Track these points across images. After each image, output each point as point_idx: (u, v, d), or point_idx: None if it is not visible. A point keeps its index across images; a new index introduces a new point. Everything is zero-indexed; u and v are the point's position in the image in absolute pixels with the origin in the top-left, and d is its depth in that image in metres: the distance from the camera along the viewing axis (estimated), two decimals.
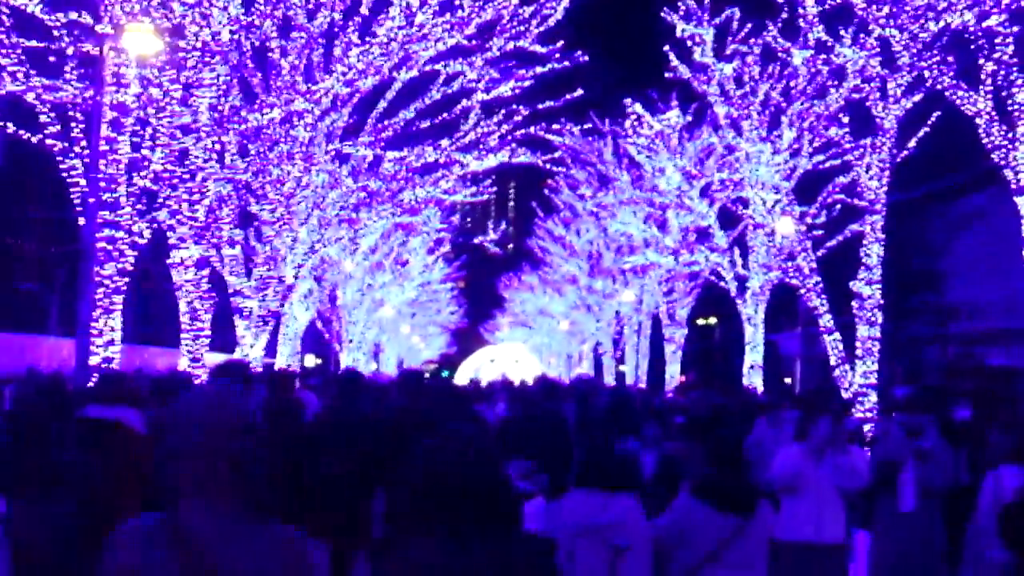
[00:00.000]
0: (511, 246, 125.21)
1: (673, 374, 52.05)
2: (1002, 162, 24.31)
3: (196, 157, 23.89)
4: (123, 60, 19.71)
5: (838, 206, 34.70)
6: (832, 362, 30.92)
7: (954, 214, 54.56)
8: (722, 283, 42.26)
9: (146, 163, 20.93)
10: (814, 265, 32.08)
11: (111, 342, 19.56)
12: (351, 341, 55.78)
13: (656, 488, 11.83)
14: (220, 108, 24.79)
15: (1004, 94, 24.09)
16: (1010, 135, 24.06)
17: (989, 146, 24.52)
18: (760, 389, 39.04)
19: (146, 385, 13.57)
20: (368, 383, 16.06)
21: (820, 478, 12.16)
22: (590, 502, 8.53)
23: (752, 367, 40.46)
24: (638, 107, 41.57)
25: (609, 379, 66.20)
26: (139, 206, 20.78)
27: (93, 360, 18.93)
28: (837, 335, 30.95)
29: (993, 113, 24.36)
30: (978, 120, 24.56)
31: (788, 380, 67.39)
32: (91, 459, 7.97)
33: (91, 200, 17.47)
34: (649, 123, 41.72)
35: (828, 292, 31.88)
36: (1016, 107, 23.80)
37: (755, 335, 40.53)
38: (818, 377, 61.20)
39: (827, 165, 34.84)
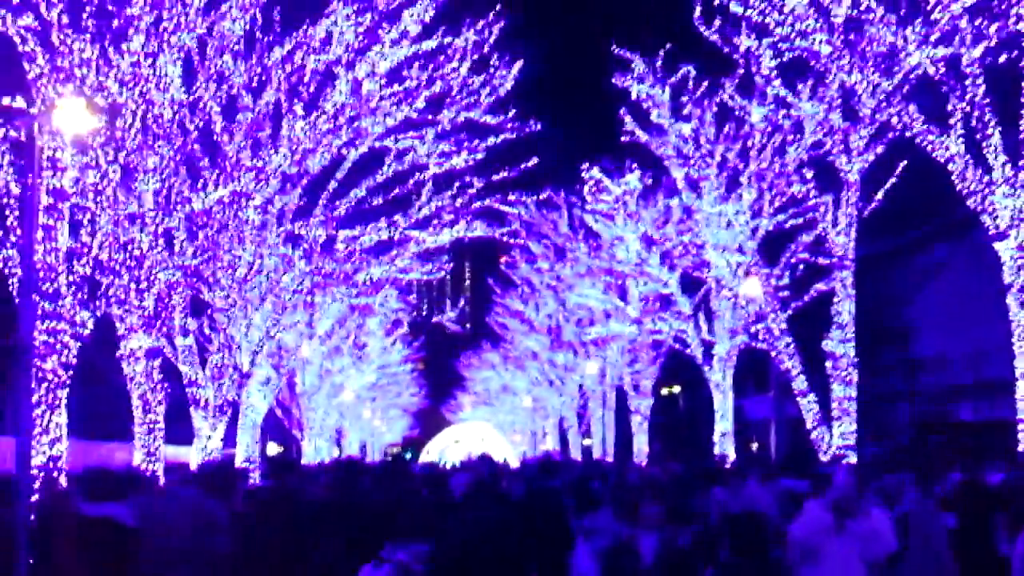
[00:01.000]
0: (468, 325, 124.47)
1: (641, 445, 51.19)
2: (978, 208, 23.52)
3: (142, 244, 22.98)
4: (57, 143, 18.79)
5: (801, 266, 33.91)
6: (809, 424, 30.09)
7: (917, 267, 54.06)
8: (687, 350, 41.33)
9: (86, 250, 19.93)
10: (784, 326, 31.32)
11: (57, 439, 18.56)
12: (312, 427, 54.75)
13: None
14: (164, 192, 23.93)
15: (978, 136, 23.37)
16: (986, 179, 23.34)
17: (964, 192, 23.73)
18: (732, 456, 38.20)
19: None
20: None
21: (841, 546, 10.85)
22: None
23: (723, 434, 39.58)
24: (596, 172, 40.84)
25: (576, 454, 65.34)
26: (81, 295, 19.73)
27: (38, 459, 17.96)
28: (812, 396, 30.16)
29: (967, 157, 23.62)
30: (951, 166, 23.83)
31: (755, 445, 66.58)
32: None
33: (30, 292, 16.47)
34: (608, 188, 40.95)
35: (799, 353, 31.11)
36: (992, 149, 23.09)
37: (724, 402, 39.68)
38: (790, 441, 60.41)
39: (789, 224, 34.12)
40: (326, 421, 60.16)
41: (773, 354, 32.03)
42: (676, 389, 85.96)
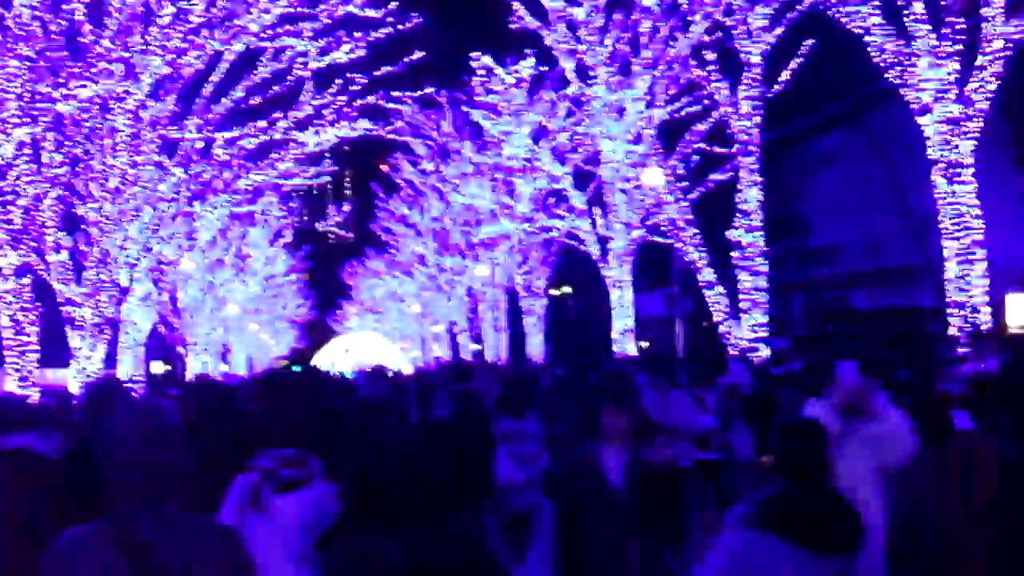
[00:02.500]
0: (352, 232, 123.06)
1: (535, 348, 50.23)
2: (899, 80, 22.32)
3: (4, 153, 21.35)
4: None
5: (695, 156, 32.71)
6: (716, 317, 29.08)
7: (810, 156, 53.36)
8: (582, 247, 40.06)
9: None
10: (689, 216, 30.14)
11: None
12: (196, 343, 53.22)
13: None
14: (26, 97, 22.24)
15: (899, 3, 22.10)
16: (907, 50, 22.15)
17: (883, 65, 22.52)
18: (634, 354, 37.20)
19: None
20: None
21: (851, 453, 9.08)
22: None
23: (623, 332, 38.47)
24: (487, 59, 38.95)
25: (467, 358, 64.35)
26: None
27: None
28: (719, 288, 29.14)
29: (887, 28, 22.35)
30: (868, 38, 22.56)
31: (645, 344, 65.91)
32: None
33: None
34: (500, 77, 39.19)
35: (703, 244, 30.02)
36: (912, 17, 21.89)
37: (622, 298, 38.51)
38: (691, 336, 59.82)
39: (684, 113, 32.89)
40: (211, 336, 58.50)
41: (678, 245, 30.82)
42: (567, 290, 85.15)
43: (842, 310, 53.25)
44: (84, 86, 24.19)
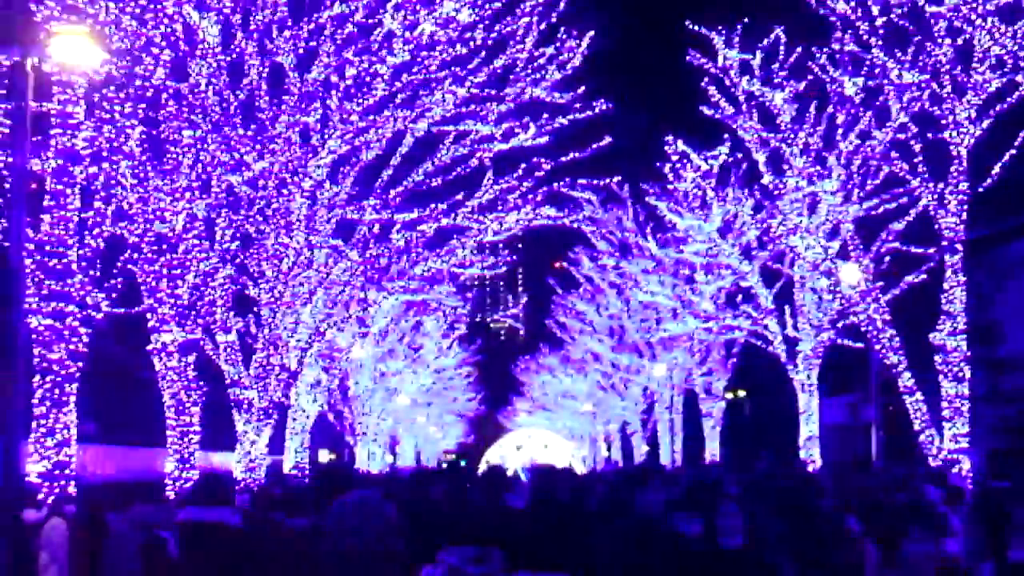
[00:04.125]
0: (522, 331, 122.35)
1: (713, 451, 48.45)
2: None
3: (175, 225, 20.49)
4: (68, 95, 16.22)
5: (887, 257, 30.82)
6: (916, 425, 27.14)
7: (1002, 262, 50.94)
8: (769, 348, 38.29)
9: (99, 219, 17.28)
10: (887, 317, 28.30)
11: (65, 442, 15.92)
12: (365, 433, 52.33)
13: None
14: (199, 170, 21.42)
15: None
16: None
17: None
18: (818, 462, 35.37)
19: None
20: None
21: None
22: None
23: (809, 438, 36.67)
24: (681, 144, 37.34)
25: (639, 459, 62.72)
26: (92, 273, 17.05)
27: (38, 466, 15.40)
28: (919, 395, 27.22)
29: None
30: None
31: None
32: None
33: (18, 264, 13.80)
34: (696, 163, 37.57)
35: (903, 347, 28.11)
36: None
37: (809, 403, 36.76)
38: (860, 447, 57.52)
39: (881, 209, 31.08)
40: (380, 426, 57.64)
41: (877, 348, 28.91)
42: (741, 393, 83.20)
43: None
44: (260, 158, 23.35)
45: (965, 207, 26.30)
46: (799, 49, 31.54)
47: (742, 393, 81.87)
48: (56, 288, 15.96)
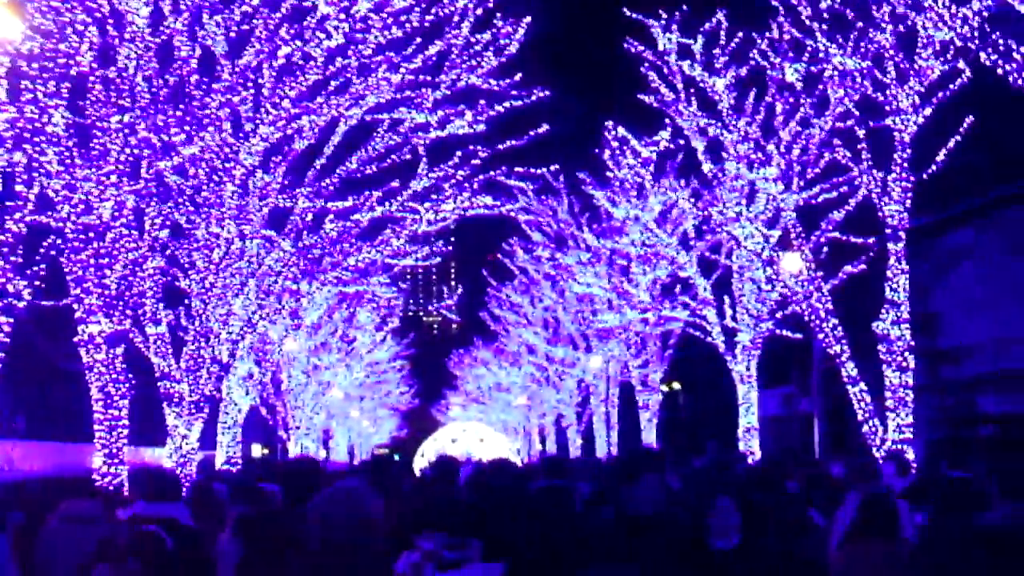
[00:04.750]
0: (454, 325, 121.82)
1: (650, 443, 48.05)
2: None
3: (102, 213, 19.82)
4: None
5: (825, 247, 30.40)
6: (860, 416, 26.79)
7: (941, 252, 50.84)
8: (708, 339, 37.93)
9: (20, 203, 16.52)
10: (830, 306, 27.92)
11: None
12: (299, 427, 51.63)
13: None
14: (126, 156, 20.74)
15: None
16: None
17: None
18: (757, 454, 35.05)
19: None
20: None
21: None
22: None
23: (748, 430, 36.34)
24: (622, 131, 36.65)
25: (575, 453, 62.27)
26: (13, 259, 16.28)
27: None
28: (863, 385, 26.88)
29: None
30: None
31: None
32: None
33: None
34: (636, 149, 36.90)
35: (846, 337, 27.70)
36: None
37: (748, 394, 36.45)
38: (796, 439, 57.41)
39: (821, 199, 30.69)
40: (313, 421, 56.92)
41: (820, 337, 28.48)
42: (676, 385, 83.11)
43: (971, 414, 50.50)
44: (190, 142, 22.70)
45: (909, 195, 25.99)
46: (740, 34, 31.19)
47: (677, 385, 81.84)
48: None
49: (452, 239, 33.88)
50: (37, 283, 16.25)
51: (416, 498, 12.72)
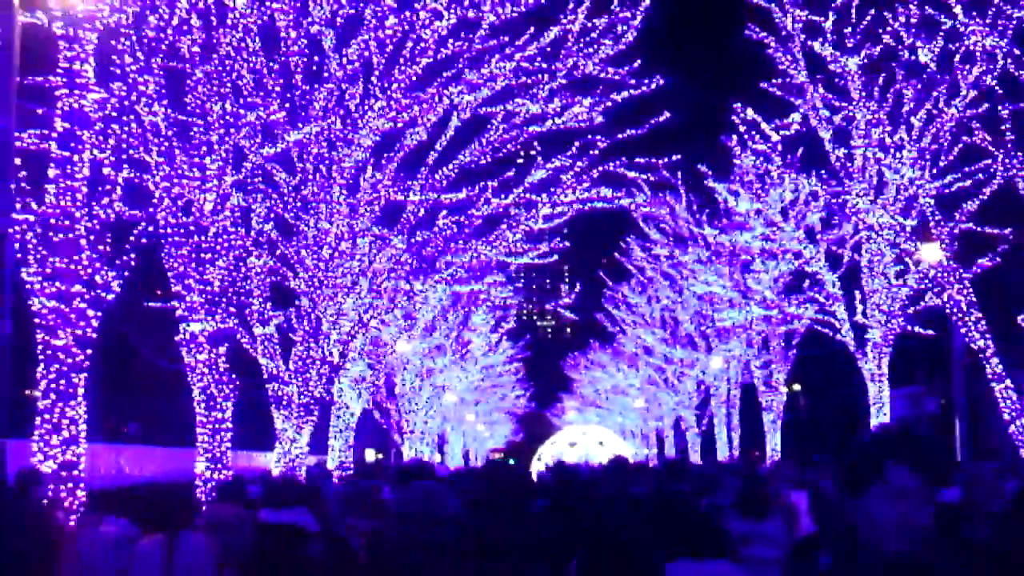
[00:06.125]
0: (568, 329, 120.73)
1: (774, 445, 46.52)
2: None
3: (203, 205, 18.91)
4: (75, 51, 14.51)
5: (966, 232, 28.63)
6: (1007, 416, 25.15)
7: None
8: (837, 336, 36.28)
9: (109, 188, 15.46)
10: (972, 298, 26.23)
11: (72, 439, 14.14)
12: (412, 432, 50.70)
13: None
14: (229, 146, 19.83)
15: None
16: None
17: None
18: None
19: None
20: None
21: None
22: None
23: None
24: (751, 112, 34.66)
25: (695, 457, 60.81)
26: (103, 248, 15.18)
27: (47, 465, 13.74)
28: (1009, 382, 25.23)
29: None
30: None
31: None
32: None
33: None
34: (765, 133, 34.89)
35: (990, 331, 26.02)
36: None
37: (880, 393, 34.80)
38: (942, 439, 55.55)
39: (955, 187, 29.00)
40: (427, 425, 56.02)
41: (963, 331, 26.76)
42: (796, 387, 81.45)
43: None
44: (296, 130, 21.77)
45: None
46: (872, 11, 29.51)
47: (797, 387, 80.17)
48: (61, 266, 14.26)
49: (567, 237, 32.52)
50: (126, 273, 15.17)
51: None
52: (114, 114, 15.42)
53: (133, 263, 15.23)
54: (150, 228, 16.57)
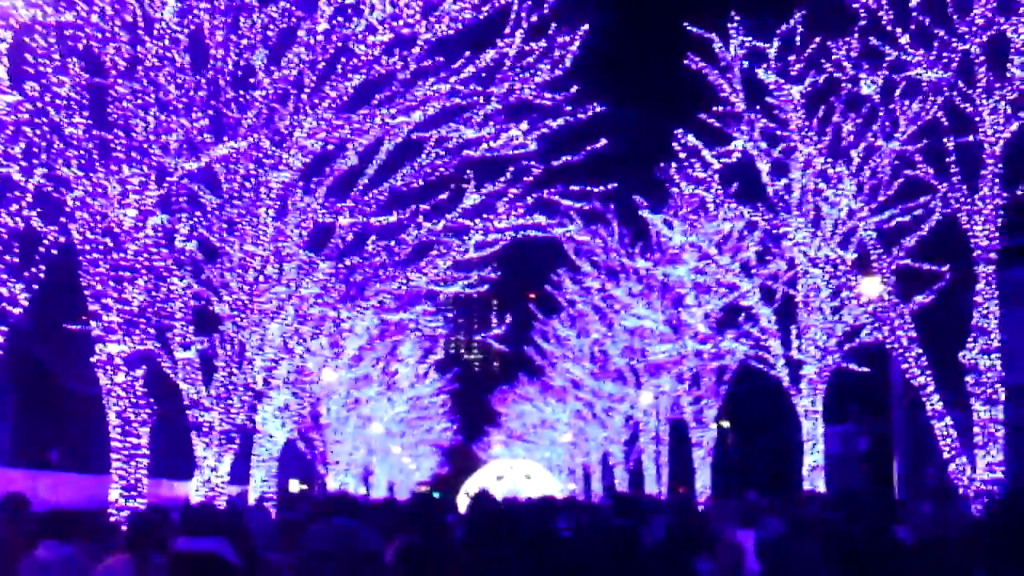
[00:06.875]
0: (496, 362, 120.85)
1: (704, 482, 46.04)
2: None
3: (122, 221, 18.14)
4: None
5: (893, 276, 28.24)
6: (946, 454, 24.68)
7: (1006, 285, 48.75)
8: (772, 372, 35.83)
9: (18, 194, 14.64)
10: (913, 334, 25.74)
11: None
12: (338, 462, 49.90)
13: None
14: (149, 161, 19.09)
15: None
16: None
17: None
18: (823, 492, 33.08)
19: None
20: None
21: None
22: None
23: (813, 468, 34.29)
24: (691, 138, 33.85)
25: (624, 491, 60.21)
26: (7, 259, 14.36)
27: None
28: (949, 420, 24.78)
29: None
30: None
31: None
32: None
33: None
34: (706, 160, 34.14)
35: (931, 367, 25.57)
36: None
37: (813, 430, 34.40)
38: (859, 479, 55.36)
39: (894, 223, 28.69)
40: (353, 456, 55.27)
41: (904, 367, 26.27)
42: (725, 424, 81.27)
43: None
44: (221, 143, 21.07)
45: (1000, 213, 23.98)
46: (817, 39, 29.01)
47: (725, 424, 79.99)
48: None
49: (498, 268, 31.90)
50: (35, 287, 14.30)
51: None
52: (26, 116, 14.63)
53: (47, 281, 14.45)
54: (62, 239, 15.77)
